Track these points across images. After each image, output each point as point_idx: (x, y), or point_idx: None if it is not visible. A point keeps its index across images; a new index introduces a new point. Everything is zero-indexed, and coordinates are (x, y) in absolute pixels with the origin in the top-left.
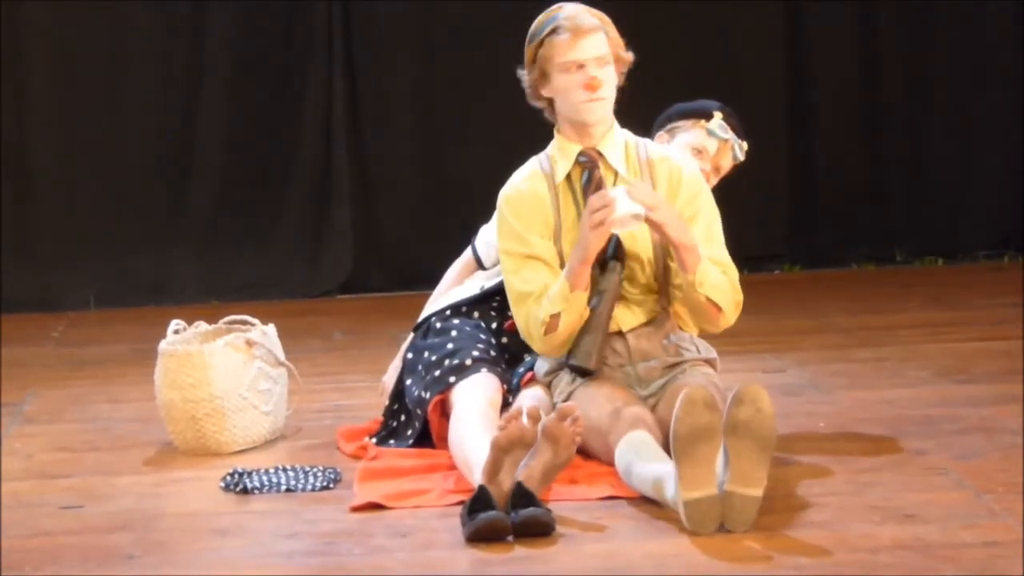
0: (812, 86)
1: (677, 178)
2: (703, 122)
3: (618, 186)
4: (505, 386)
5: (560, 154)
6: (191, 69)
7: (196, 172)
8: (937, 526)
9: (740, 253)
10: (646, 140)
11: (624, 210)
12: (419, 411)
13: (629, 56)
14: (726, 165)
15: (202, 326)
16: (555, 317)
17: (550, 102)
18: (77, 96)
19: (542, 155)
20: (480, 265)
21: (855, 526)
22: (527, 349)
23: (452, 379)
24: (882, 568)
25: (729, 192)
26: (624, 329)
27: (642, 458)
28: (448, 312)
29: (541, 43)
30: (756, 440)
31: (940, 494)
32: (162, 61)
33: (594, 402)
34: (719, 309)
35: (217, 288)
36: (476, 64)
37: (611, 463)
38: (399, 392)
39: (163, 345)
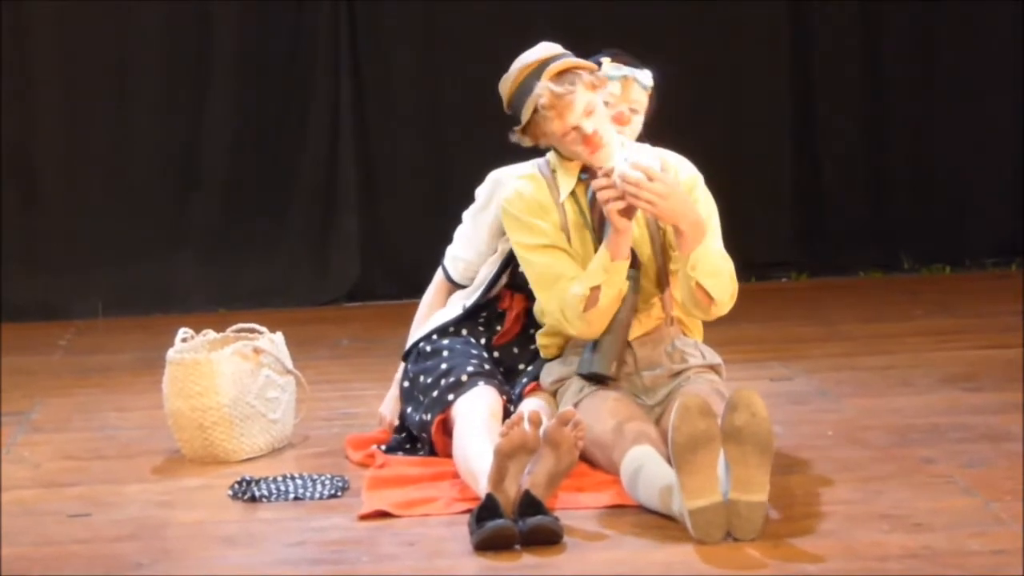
0: (817, 94)
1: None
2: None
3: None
4: (505, 397)
5: (562, 171)
6: (197, 77)
7: (203, 180)
8: (944, 534)
9: (747, 261)
10: (645, 145)
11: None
12: (424, 435)
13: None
14: (639, 99)
15: (210, 334)
16: (596, 290)
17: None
18: (83, 104)
19: (541, 161)
20: (453, 283)
21: (862, 534)
22: (520, 361)
23: (451, 397)
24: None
25: (736, 200)
26: (630, 338)
27: (647, 473)
28: (435, 335)
29: (530, 119)
30: (754, 445)
31: (947, 502)
32: (168, 68)
33: (598, 416)
34: (710, 299)
35: (224, 296)
36: (483, 70)
37: (616, 475)
38: (404, 424)
39: (171, 353)
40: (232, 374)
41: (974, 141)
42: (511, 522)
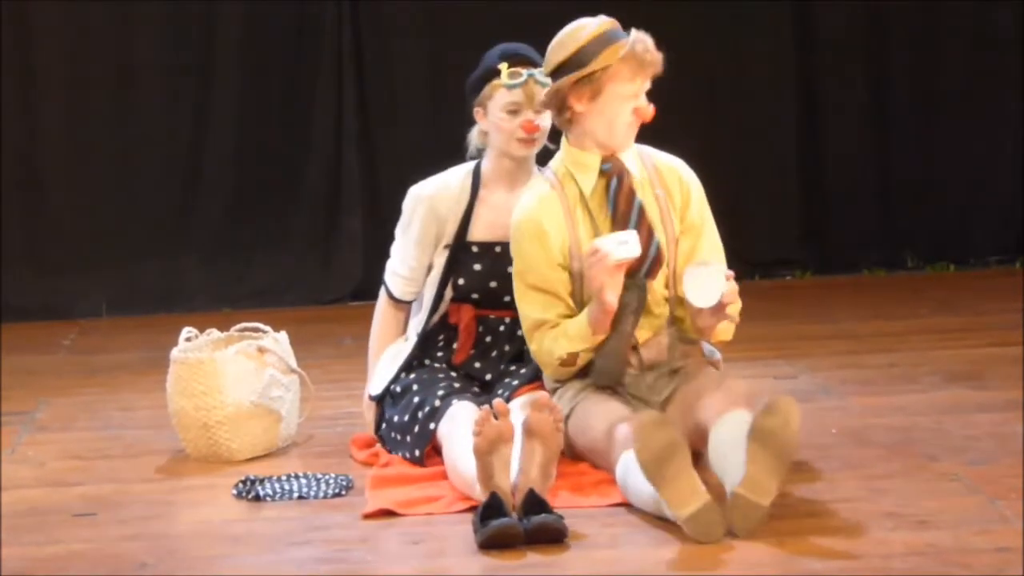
0: (822, 93)
1: (687, 189)
2: (496, 82)
3: (608, 237)
4: (485, 406)
5: (577, 168)
6: (201, 76)
7: (206, 179)
8: (949, 532)
9: (752, 259)
10: (647, 147)
11: (620, 255)
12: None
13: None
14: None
15: (214, 333)
16: (573, 355)
17: (575, 117)
18: (87, 104)
19: (548, 173)
20: (395, 300)
21: (867, 532)
22: (488, 372)
23: (432, 426)
24: (895, 573)
25: (740, 199)
26: (639, 343)
27: (636, 479)
28: (400, 375)
29: (600, 68)
30: (774, 452)
31: (952, 500)
32: (171, 69)
33: (595, 419)
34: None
35: (228, 295)
36: None
37: (613, 472)
38: None
39: (175, 353)
40: (236, 373)
41: (978, 139)
42: (515, 520)
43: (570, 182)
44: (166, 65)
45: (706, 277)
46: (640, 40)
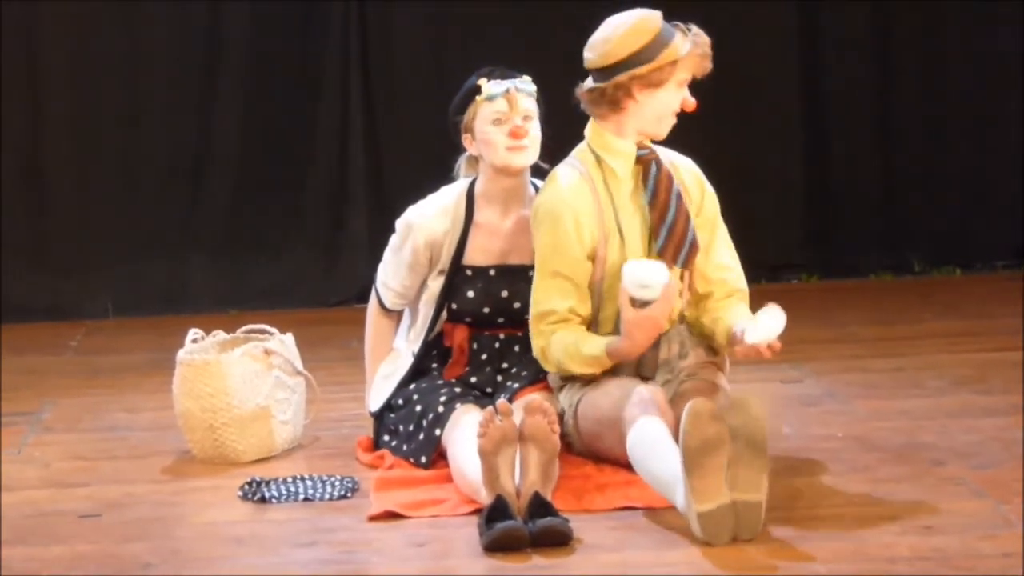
0: (827, 96)
1: (703, 186)
2: (479, 99)
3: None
4: (489, 408)
5: (610, 153)
6: (207, 77)
7: (212, 181)
8: (955, 536)
9: (757, 263)
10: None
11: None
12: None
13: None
14: (529, 106)
15: (220, 335)
16: (587, 375)
17: (629, 107)
18: (92, 105)
19: (574, 162)
20: (386, 309)
21: (872, 536)
22: (485, 385)
23: (437, 432)
24: None
25: (745, 202)
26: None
27: (653, 454)
28: (399, 388)
29: (668, 58)
30: (749, 445)
31: (958, 504)
32: (177, 70)
33: (604, 392)
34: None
35: (233, 297)
36: None
37: (625, 455)
38: None
39: (181, 354)
40: (242, 375)
41: (984, 143)
42: (521, 523)
43: (596, 170)
44: (172, 65)
45: (771, 319)
46: (700, 34)
